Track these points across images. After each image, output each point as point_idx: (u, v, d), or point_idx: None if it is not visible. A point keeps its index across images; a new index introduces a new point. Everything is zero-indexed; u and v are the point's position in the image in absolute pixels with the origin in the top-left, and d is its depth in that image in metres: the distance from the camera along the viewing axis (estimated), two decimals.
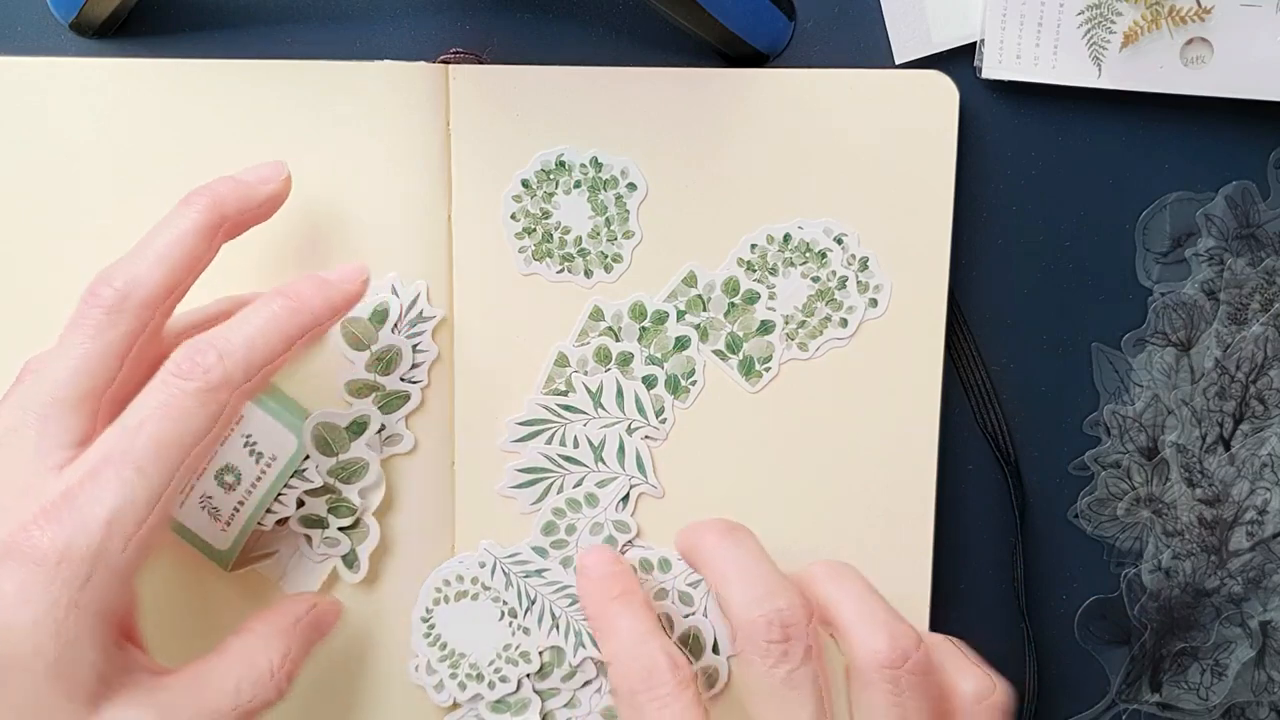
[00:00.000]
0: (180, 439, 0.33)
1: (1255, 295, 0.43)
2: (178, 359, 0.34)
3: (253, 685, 0.35)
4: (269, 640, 0.36)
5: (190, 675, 0.35)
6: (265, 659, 0.36)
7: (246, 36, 0.42)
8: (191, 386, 0.33)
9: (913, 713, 0.35)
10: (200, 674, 0.35)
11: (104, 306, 0.34)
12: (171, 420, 0.33)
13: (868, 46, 0.42)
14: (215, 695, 0.34)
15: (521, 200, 0.41)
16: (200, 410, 0.33)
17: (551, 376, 0.42)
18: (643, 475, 0.42)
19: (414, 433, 0.41)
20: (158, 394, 0.33)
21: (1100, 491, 0.45)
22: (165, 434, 0.32)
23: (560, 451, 0.42)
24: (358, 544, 0.41)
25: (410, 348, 0.41)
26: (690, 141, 0.41)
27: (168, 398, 0.33)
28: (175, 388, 0.33)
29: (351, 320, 0.40)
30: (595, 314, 0.42)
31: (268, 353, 0.35)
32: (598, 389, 0.42)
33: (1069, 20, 0.40)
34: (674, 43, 0.42)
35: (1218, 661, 0.46)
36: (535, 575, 0.42)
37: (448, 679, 0.42)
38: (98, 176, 0.40)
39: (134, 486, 0.32)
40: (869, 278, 0.41)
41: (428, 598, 0.42)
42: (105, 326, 0.34)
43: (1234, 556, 0.45)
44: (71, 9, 0.40)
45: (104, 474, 0.32)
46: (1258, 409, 0.44)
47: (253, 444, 0.38)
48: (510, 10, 0.42)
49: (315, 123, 0.40)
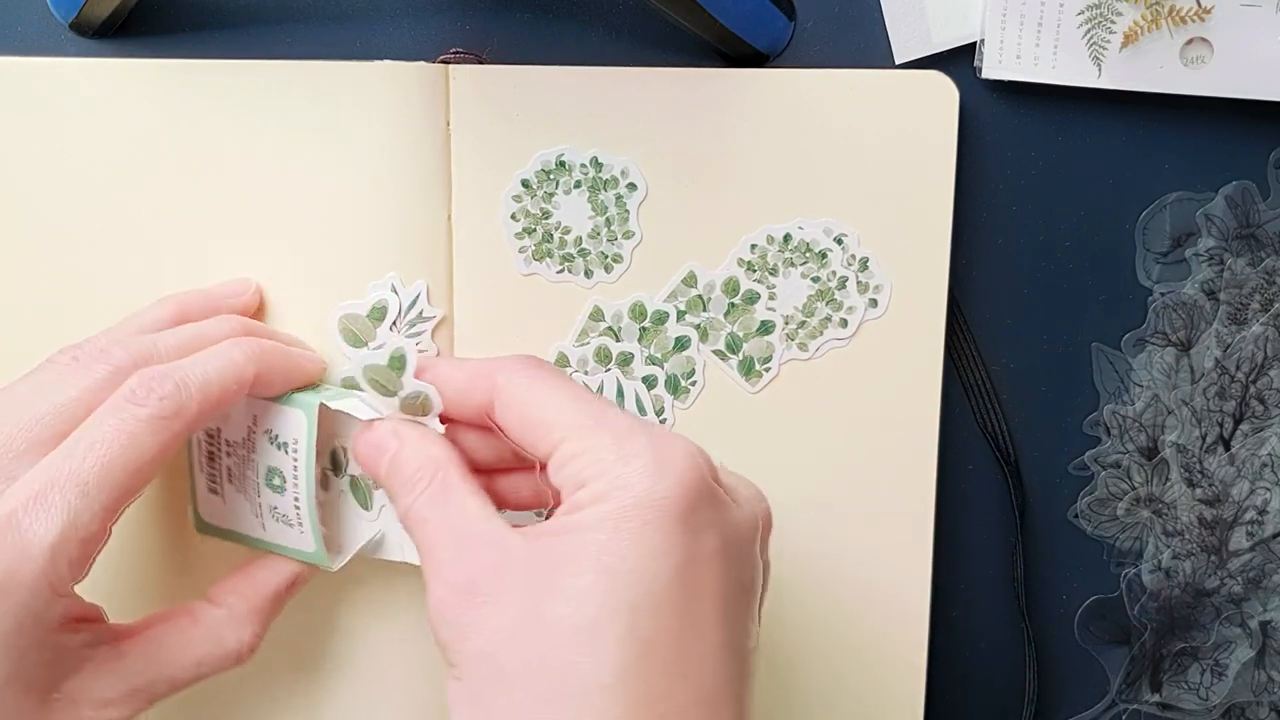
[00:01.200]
0: (127, 464, 0.32)
1: (1255, 295, 0.43)
2: (133, 385, 0.33)
3: (216, 662, 0.35)
4: (242, 620, 0.36)
5: (152, 640, 0.35)
6: (235, 639, 0.36)
7: (246, 36, 0.42)
8: (145, 413, 0.33)
9: None
10: (163, 639, 0.35)
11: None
12: (121, 445, 0.32)
13: (868, 46, 0.42)
14: (177, 665, 0.35)
15: (521, 200, 0.41)
16: (151, 438, 0.33)
17: None
18: None
19: None
20: (109, 418, 0.33)
21: (1100, 491, 0.45)
22: (114, 458, 0.32)
23: None
24: None
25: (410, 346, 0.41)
26: (690, 141, 0.41)
27: (119, 422, 0.33)
28: (128, 413, 0.33)
29: (349, 317, 0.40)
30: (595, 314, 0.42)
31: (221, 395, 0.35)
32: (598, 389, 0.42)
33: (1069, 20, 0.40)
34: (674, 43, 0.42)
35: (1218, 661, 0.46)
36: None
37: None
38: (97, 176, 0.40)
39: (77, 510, 0.31)
40: (869, 278, 0.41)
41: None
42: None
43: (1234, 556, 0.45)
44: (71, 9, 0.40)
45: (49, 497, 0.31)
46: (1258, 409, 0.44)
47: (275, 437, 0.38)
48: (510, 10, 0.42)
49: (315, 123, 0.40)
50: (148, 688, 0.34)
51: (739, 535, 0.32)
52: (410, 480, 0.34)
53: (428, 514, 0.33)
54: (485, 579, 0.31)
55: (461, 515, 0.32)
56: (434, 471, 0.33)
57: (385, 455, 0.35)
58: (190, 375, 0.34)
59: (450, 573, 0.31)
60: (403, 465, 0.34)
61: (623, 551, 0.29)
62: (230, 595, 0.37)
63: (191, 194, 0.40)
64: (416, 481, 0.33)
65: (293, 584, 0.38)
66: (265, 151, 0.40)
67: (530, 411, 0.33)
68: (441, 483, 0.33)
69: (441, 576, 0.31)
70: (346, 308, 0.41)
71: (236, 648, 0.36)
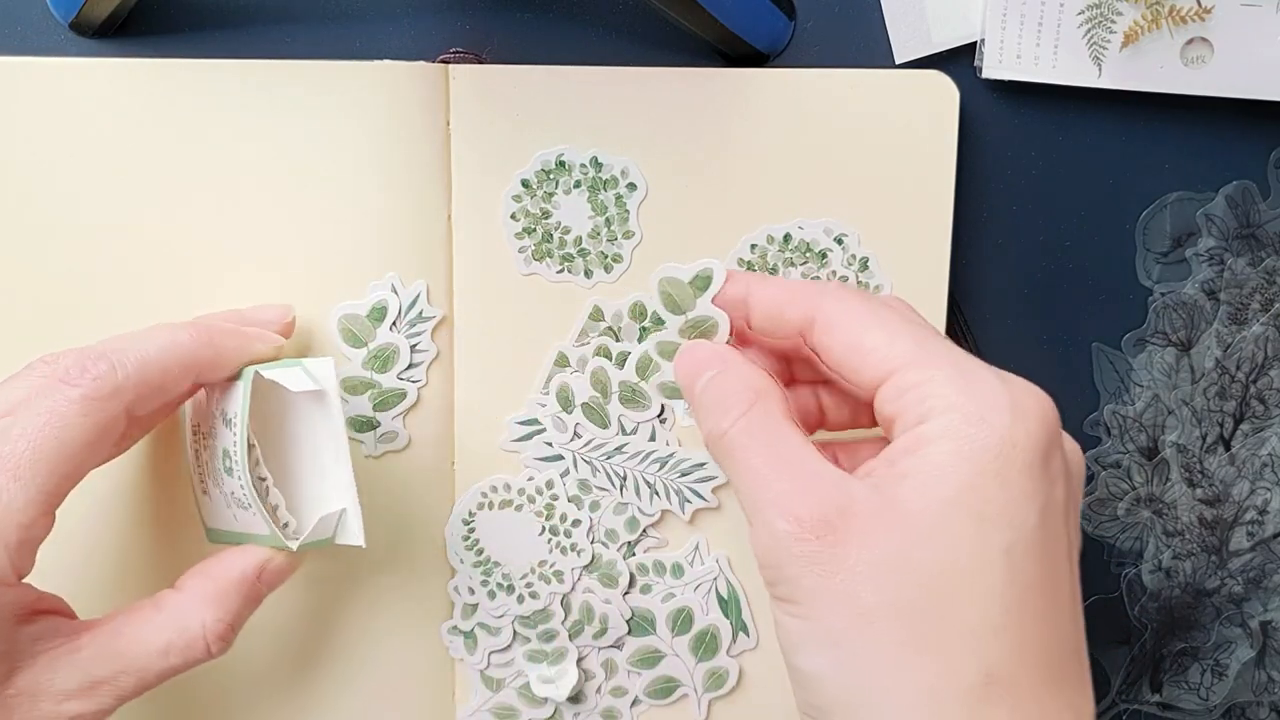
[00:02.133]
0: (61, 447, 0.31)
1: (1255, 295, 0.43)
2: (67, 364, 0.32)
3: (183, 649, 0.34)
4: (205, 602, 0.35)
5: (112, 630, 0.34)
6: (198, 622, 0.34)
7: (246, 36, 0.42)
8: (77, 393, 0.32)
9: None
10: (125, 628, 0.34)
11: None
12: (53, 428, 0.31)
13: (868, 46, 0.42)
14: (142, 653, 0.33)
15: (521, 200, 0.41)
16: (82, 418, 0.32)
17: (551, 376, 0.42)
18: None
19: (410, 431, 0.41)
20: (42, 400, 0.32)
21: (1100, 491, 0.45)
22: (44, 441, 0.31)
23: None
24: None
25: (409, 346, 0.41)
26: (690, 141, 0.41)
27: (51, 404, 0.32)
28: (60, 394, 0.32)
29: (349, 317, 0.40)
30: (595, 314, 0.42)
31: (162, 375, 0.34)
32: None
33: (1069, 20, 0.40)
34: (674, 43, 0.42)
35: (1218, 661, 0.46)
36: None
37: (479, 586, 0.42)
38: (97, 176, 0.40)
39: (11, 494, 0.31)
40: (869, 278, 0.41)
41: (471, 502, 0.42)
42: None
43: (1234, 556, 0.45)
44: (71, 9, 0.40)
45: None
46: (1258, 409, 0.44)
47: (224, 415, 0.36)
48: (510, 10, 0.42)
49: (315, 123, 0.40)
50: (111, 679, 0.33)
51: (1076, 490, 0.31)
52: (728, 403, 0.32)
53: (748, 440, 0.31)
54: (838, 515, 0.29)
55: (789, 446, 0.31)
56: (754, 399, 0.32)
57: (705, 373, 0.33)
58: (127, 354, 0.33)
59: (796, 504, 0.30)
60: (723, 387, 0.33)
61: (990, 494, 0.28)
62: (194, 579, 0.36)
63: (191, 194, 0.40)
64: (734, 405, 0.32)
65: (263, 570, 0.36)
66: (265, 151, 0.40)
67: (859, 336, 0.31)
68: (763, 410, 0.32)
69: (783, 507, 0.30)
70: (346, 308, 0.41)
71: (201, 632, 0.34)
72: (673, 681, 0.43)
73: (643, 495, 0.42)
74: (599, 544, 0.42)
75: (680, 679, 0.43)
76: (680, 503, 0.42)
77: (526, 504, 0.42)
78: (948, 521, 0.28)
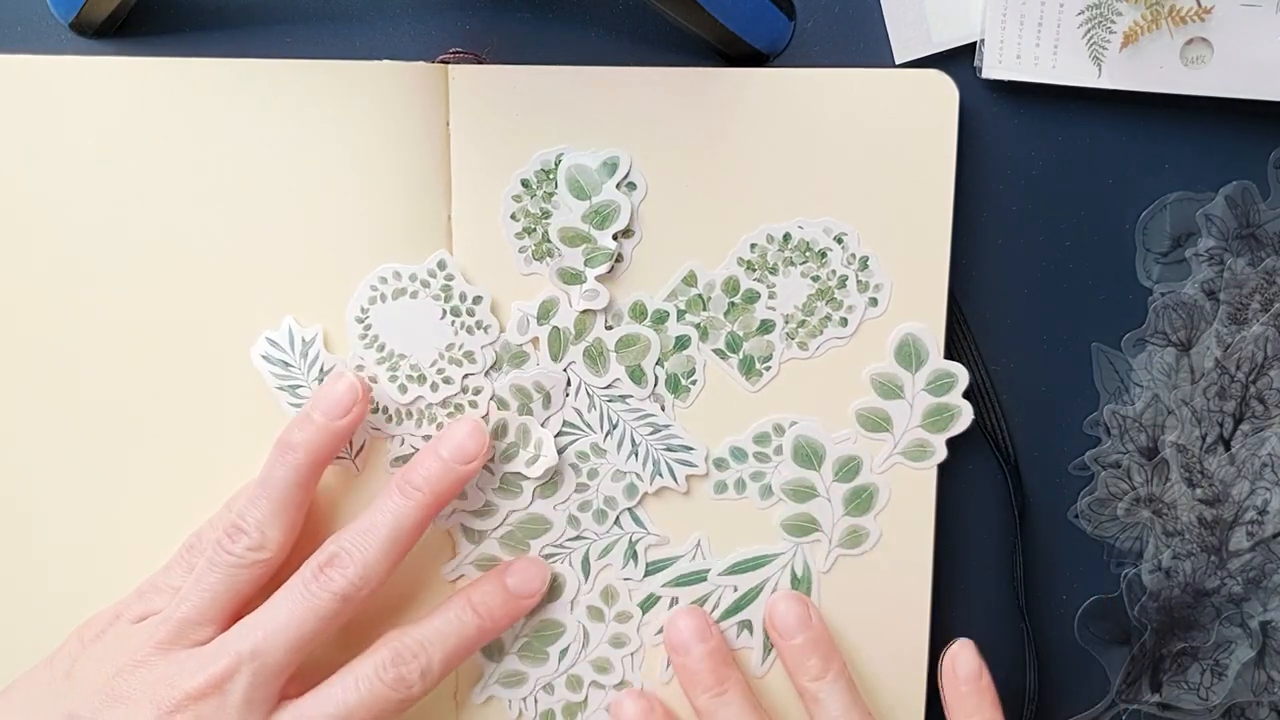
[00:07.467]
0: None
1: (1255, 295, 0.43)
2: (385, 659, 0.38)
3: None
4: None
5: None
6: None
7: (246, 36, 0.42)
8: (398, 697, 0.38)
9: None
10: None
11: (339, 594, 0.37)
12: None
13: (868, 46, 0.42)
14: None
15: (521, 200, 0.41)
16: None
17: None
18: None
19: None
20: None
21: (1100, 491, 0.45)
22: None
23: None
24: None
25: None
26: (690, 141, 0.41)
27: (372, 694, 0.37)
28: (381, 692, 0.38)
29: (578, 168, 0.41)
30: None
31: (460, 657, 0.40)
32: None
33: (1069, 20, 0.40)
34: (674, 43, 0.42)
35: (1218, 661, 0.46)
36: None
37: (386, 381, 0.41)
38: (97, 176, 0.40)
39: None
40: (869, 277, 0.41)
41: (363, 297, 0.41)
42: (337, 614, 0.37)
43: (1234, 556, 0.45)
44: (71, 9, 0.40)
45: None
46: (1258, 409, 0.44)
47: None
48: (510, 10, 0.42)
49: (315, 123, 0.40)
50: None
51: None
52: None
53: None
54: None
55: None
56: None
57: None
58: (431, 651, 0.39)
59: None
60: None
61: None
62: None
63: (192, 193, 0.40)
64: None
65: None
66: (265, 151, 0.40)
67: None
68: None
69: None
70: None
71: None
72: None
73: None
74: None
75: None
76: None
77: (421, 289, 0.41)
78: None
